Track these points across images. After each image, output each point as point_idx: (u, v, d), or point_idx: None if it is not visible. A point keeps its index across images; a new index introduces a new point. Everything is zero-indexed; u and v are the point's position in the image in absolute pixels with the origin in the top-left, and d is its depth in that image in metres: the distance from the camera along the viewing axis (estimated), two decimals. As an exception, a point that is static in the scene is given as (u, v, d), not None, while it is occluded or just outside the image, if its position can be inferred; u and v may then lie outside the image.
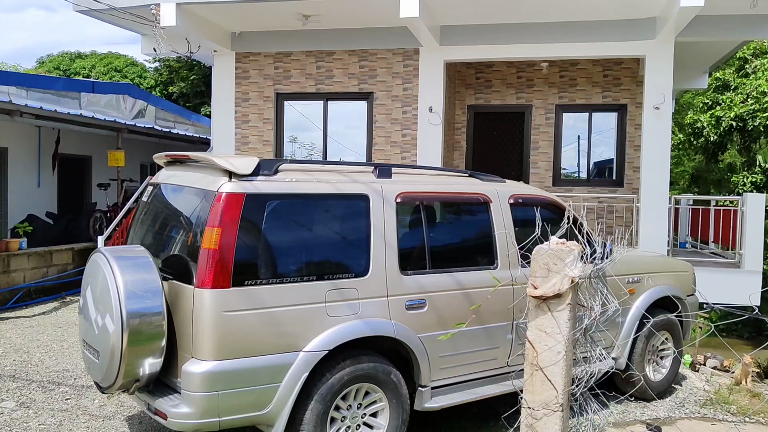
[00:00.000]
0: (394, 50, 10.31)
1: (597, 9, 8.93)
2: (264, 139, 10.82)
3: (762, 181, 18.79)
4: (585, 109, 11.39)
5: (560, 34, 9.53)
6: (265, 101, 10.81)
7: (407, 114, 10.32)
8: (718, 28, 9.07)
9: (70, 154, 13.50)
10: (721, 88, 21.41)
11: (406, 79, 10.30)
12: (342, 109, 10.77)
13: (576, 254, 2.69)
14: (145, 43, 10.80)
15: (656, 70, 9.27)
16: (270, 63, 10.76)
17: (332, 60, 10.56)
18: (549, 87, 11.48)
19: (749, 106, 19.19)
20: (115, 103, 14.14)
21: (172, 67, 26.35)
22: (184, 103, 26.22)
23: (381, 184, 4.56)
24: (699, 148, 22.24)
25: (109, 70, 29.58)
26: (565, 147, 11.64)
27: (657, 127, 9.30)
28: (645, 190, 9.35)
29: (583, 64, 11.28)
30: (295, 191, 4.15)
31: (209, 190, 3.97)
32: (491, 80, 11.78)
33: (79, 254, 10.90)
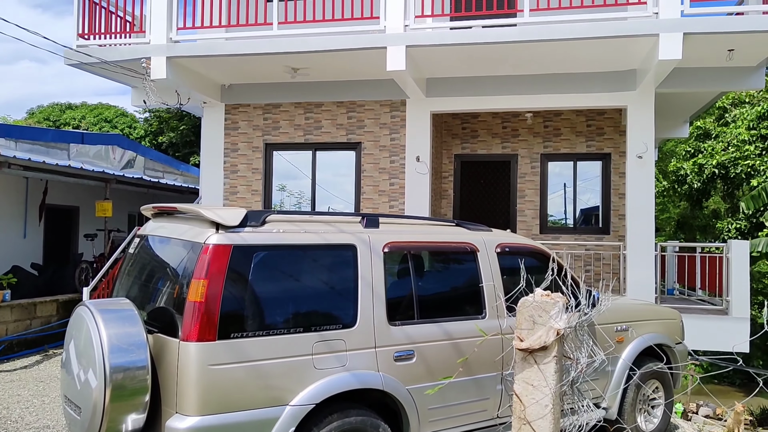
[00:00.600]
0: (382, 101, 10.49)
1: (579, 62, 9.17)
2: (252, 188, 10.87)
3: (746, 227, 19.01)
4: (569, 158, 11.56)
5: (544, 85, 9.75)
6: (254, 151, 10.90)
7: (395, 163, 10.43)
8: (697, 79, 9.32)
9: (57, 204, 13.47)
10: (702, 136, 21.88)
11: (393, 130, 10.45)
12: (330, 159, 10.87)
13: (560, 306, 2.70)
14: (135, 95, 10.92)
15: (638, 120, 9.48)
16: (259, 114, 10.90)
17: (321, 111, 10.72)
18: (534, 137, 11.67)
19: (730, 154, 19.57)
20: (104, 154, 14.20)
21: (163, 117, 26.61)
22: (174, 153, 26.37)
23: (368, 234, 4.58)
24: (683, 194, 22.55)
25: (99, 121, 29.78)
26: (552, 194, 11.76)
27: (641, 176, 9.44)
28: (631, 237, 9.43)
29: (566, 114, 11.50)
30: (282, 242, 4.16)
31: (196, 241, 3.97)
32: (477, 130, 11.98)
33: (64, 306, 10.76)
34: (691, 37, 7.91)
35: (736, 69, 9.22)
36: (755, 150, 19.02)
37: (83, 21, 9.54)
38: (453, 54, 8.90)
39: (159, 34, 9.21)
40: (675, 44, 7.83)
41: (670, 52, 7.84)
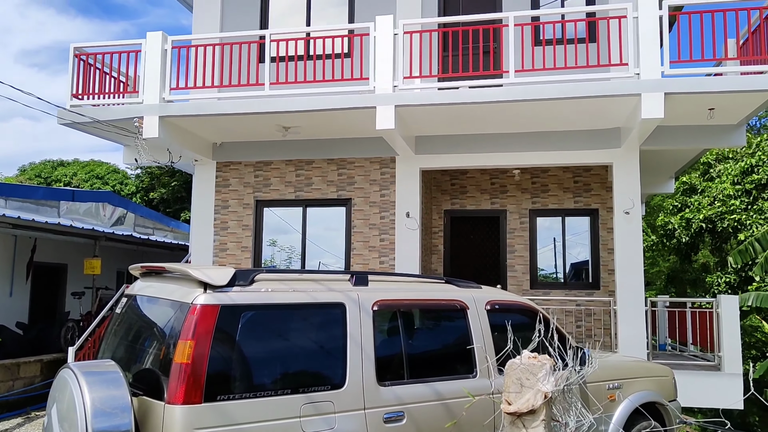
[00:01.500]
0: (372, 158, 10.62)
1: (564, 120, 9.36)
2: (242, 245, 10.86)
3: (736, 280, 19.08)
4: (558, 213, 11.67)
5: (530, 143, 9.92)
6: (244, 208, 10.94)
7: (385, 219, 10.48)
8: (680, 137, 9.52)
9: (45, 262, 13.37)
10: (688, 191, 22.18)
11: (383, 186, 10.55)
12: (321, 214, 10.92)
13: (548, 368, 2.69)
14: (127, 153, 11.01)
15: (624, 176, 9.63)
16: (250, 171, 10.99)
17: (311, 168, 10.83)
18: (522, 192, 11.81)
19: (717, 209, 19.81)
20: (94, 211, 14.20)
21: (154, 173, 26.76)
22: (165, 209, 26.40)
23: (357, 292, 4.58)
24: (672, 248, 22.69)
25: (91, 177, 29.88)
26: (542, 248, 11.81)
27: (628, 231, 9.52)
28: (621, 292, 9.43)
29: (553, 170, 11.67)
30: (271, 301, 4.15)
31: (184, 302, 3.95)
32: (466, 186, 12.10)
33: (48, 366, 10.55)
34: (672, 96, 8.13)
35: (717, 127, 9.44)
36: (741, 205, 19.27)
37: (78, 82, 9.70)
38: (441, 113, 9.08)
39: (152, 94, 9.36)
40: (657, 104, 8.04)
41: (652, 111, 8.04)
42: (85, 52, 9.82)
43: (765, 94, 8.04)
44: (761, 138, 20.09)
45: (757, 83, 7.91)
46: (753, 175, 19.33)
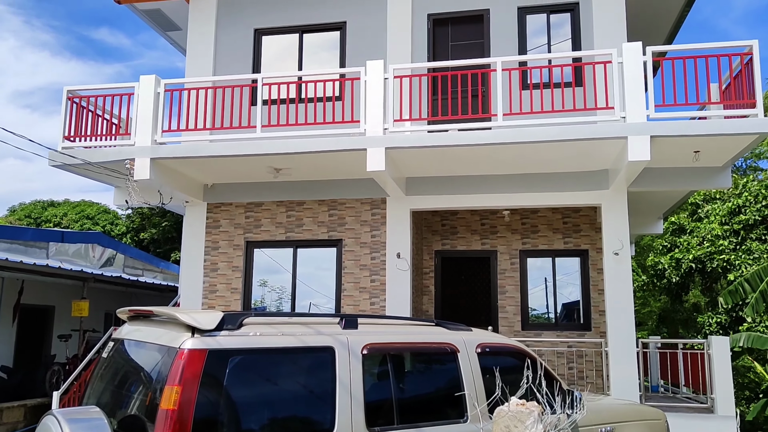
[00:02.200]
0: (363, 200, 10.67)
1: (552, 162, 9.48)
2: (232, 287, 10.80)
3: (727, 321, 19.08)
4: (548, 254, 11.70)
5: (519, 184, 10.02)
6: (234, 249, 10.92)
7: (376, 260, 10.48)
8: (666, 179, 9.64)
9: (32, 304, 13.22)
10: (677, 231, 22.34)
11: (374, 227, 10.57)
12: (312, 255, 10.90)
13: (536, 416, 2.68)
14: (118, 194, 11.02)
15: (612, 217, 9.71)
16: (241, 213, 11.01)
17: (302, 209, 10.86)
18: (512, 233, 11.86)
19: (706, 249, 19.93)
20: (83, 252, 14.12)
21: (145, 214, 26.69)
22: (155, 249, 26.27)
23: (347, 336, 4.55)
24: (663, 288, 22.72)
25: (81, 218, 29.76)
26: (533, 289, 11.81)
27: (618, 272, 9.56)
28: (612, 334, 9.41)
29: (543, 211, 11.76)
30: (259, 345, 4.11)
31: (171, 346, 3.92)
32: (456, 227, 12.15)
33: (32, 411, 10.33)
34: (658, 139, 8.27)
35: (703, 169, 9.58)
36: (729, 245, 19.41)
37: (70, 124, 9.76)
38: (431, 155, 9.18)
39: (144, 136, 9.43)
40: (643, 146, 8.17)
41: (638, 154, 8.17)
42: (78, 94, 9.91)
43: (748, 137, 8.20)
44: (747, 179, 20.37)
45: (741, 127, 8.07)
46: (740, 215, 19.52)
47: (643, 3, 11.73)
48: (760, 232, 19.18)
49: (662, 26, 12.80)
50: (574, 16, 10.50)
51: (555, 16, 10.62)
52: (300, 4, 11.44)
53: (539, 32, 10.67)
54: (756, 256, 18.60)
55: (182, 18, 12.54)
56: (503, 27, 10.65)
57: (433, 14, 10.95)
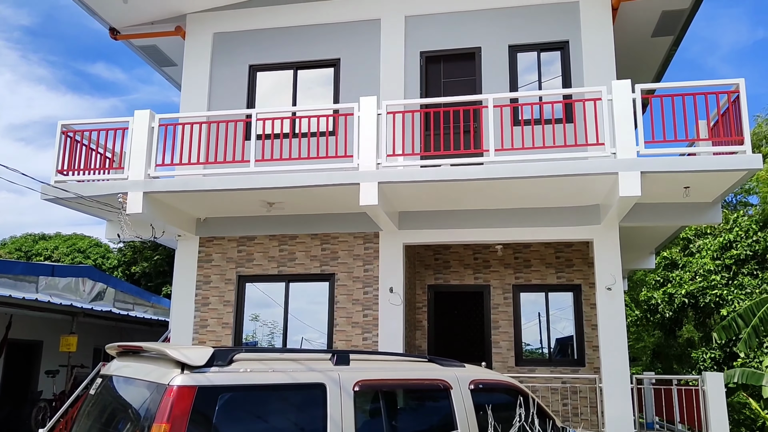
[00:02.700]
0: (356, 234, 10.67)
1: (544, 197, 9.54)
2: (223, 321, 10.70)
3: (721, 356, 19.01)
4: (541, 289, 11.69)
5: (512, 219, 10.05)
6: (226, 284, 10.86)
7: (368, 294, 10.43)
8: (657, 214, 9.70)
9: (20, 339, 13.05)
10: (669, 266, 22.38)
11: (366, 261, 10.55)
12: (304, 289, 10.85)
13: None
14: (110, 228, 10.98)
15: (604, 252, 9.73)
16: (233, 247, 10.98)
17: (295, 243, 10.84)
18: (505, 268, 11.86)
19: (698, 284, 19.97)
20: (73, 286, 14.00)
21: (137, 247, 26.58)
22: (146, 283, 26.09)
23: (339, 372, 4.51)
24: (656, 323, 22.68)
25: (72, 251, 29.60)
26: (526, 323, 11.76)
27: (611, 307, 9.54)
28: (606, 370, 9.34)
29: (536, 246, 11.78)
30: (249, 382, 4.07)
31: (160, 383, 3.87)
32: (449, 261, 12.15)
33: (17, 449, 10.11)
34: (649, 175, 8.35)
35: (693, 204, 9.65)
36: (722, 280, 19.45)
37: (63, 158, 9.78)
38: (424, 189, 9.22)
39: (137, 170, 9.44)
40: (634, 182, 8.24)
41: (629, 190, 8.23)
42: (72, 129, 9.95)
43: (737, 173, 8.29)
44: (738, 214, 20.52)
45: (729, 163, 8.16)
46: (732, 250, 19.62)
47: (632, 42, 11.97)
48: (752, 267, 19.25)
49: (651, 64, 13.05)
50: (564, 54, 10.69)
51: (545, 54, 10.81)
52: (295, 42, 11.61)
53: (530, 69, 10.85)
54: (748, 291, 18.64)
55: (178, 54, 12.69)
56: (494, 64, 10.82)
57: (425, 52, 11.13)
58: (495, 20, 10.98)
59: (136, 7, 11.69)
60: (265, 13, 11.81)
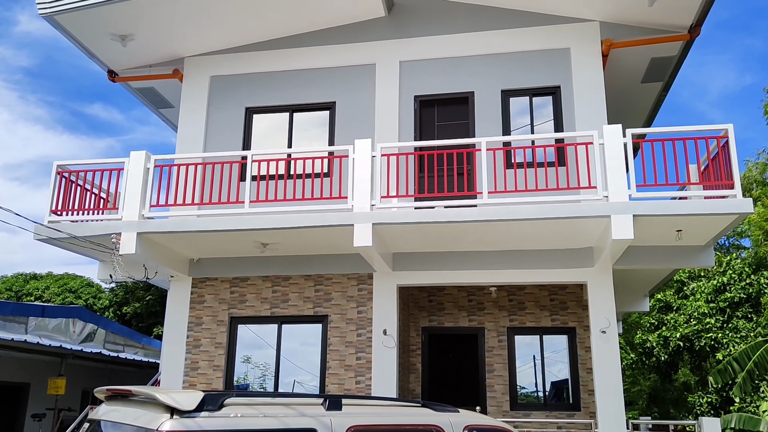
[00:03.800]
0: (349, 275, 10.63)
1: (538, 239, 9.57)
2: (215, 364, 10.57)
3: (717, 401, 18.83)
4: (535, 331, 11.63)
5: (506, 261, 10.05)
6: (218, 325, 10.76)
7: (362, 337, 10.34)
8: (650, 257, 9.73)
9: (6, 381, 12.82)
10: (664, 308, 22.33)
11: (360, 303, 10.50)
12: (297, 331, 10.75)
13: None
14: (102, 268, 10.92)
15: (598, 295, 9.71)
16: (226, 288, 10.92)
17: (288, 284, 10.79)
18: (499, 310, 11.81)
19: (693, 327, 19.90)
20: (63, 327, 13.85)
21: (129, 287, 26.40)
22: (137, 324, 25.84)
23: (330, 417, 4.44)
24: (652, 367, 22.51)
25: (63, 291, 29.35)
26: (521, 366, 11.65)
27: (606, 351, 9.47)
28: (602, 414, 9.23)
29: (530, 288, 11.76)
30: (240, 427, 4.00)
31: (149, 428, 3.80)
32: (444, 303, 12.09)
33: (-1, 496, 9.84)
34: (641, 218, 8.40)
35: (686, 248, 9.69)
36: (716, 323, 19.41)
37: (58, 198, 9.79)
38: (418, 231, 9.25)
39: (131, 211, 9.45)
40: (626, 225, 8.29)
41: (622, 233, 8.28)
42: (67, 169, 9.99)
43: (728, 217, 8.35)
44: (731, 257, 20.60)
45: (720, 207, 8.24)
46: (726, 293, 19.63)
47: (622, 87, 12.20)
48: (746, 310, 19.23)
49: (641, 108, 13.28)
50: (555, 99, 10.87)
51: (537, 98, 10.99)
52: (291, 85, 11.77)
53: (522, 112, 11.01)
54: (743, 334, 18.58)
55: (175, 96, 12.83)
56: (487, 108, 10.98)
57: (419, 95, 11.30)
58: (488, 66, 11.19)
59: (134, 50, 11.87)
60: (262, 57, 12.01)
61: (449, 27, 11.48)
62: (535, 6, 11.12)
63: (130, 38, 11.47)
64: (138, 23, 11.23)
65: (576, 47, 10.87)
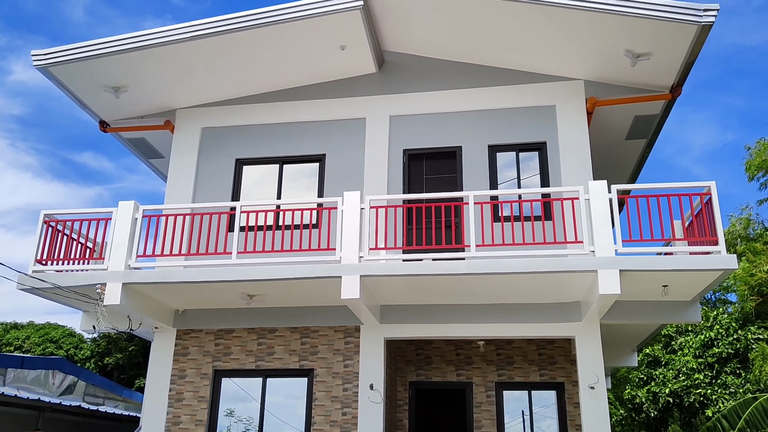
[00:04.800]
0: (336, 327, 10.53)
1: (525, 293, 9.56)
2: (197, 419, 10.32)
3: (709, 459, 18.52)
4: (524, 386, 11.50)
5: (494, 315, 10.01)
6: (202, 378, 10.56)
7: (348, 391, 10.18)
8: (637, 312, 9.72)
9: (-20, 435, 12.41)
10: (652, 363, 22.19)
11: (347, 356, 10.37)
12: (282, 384, 10.57)
13: None
14: (86, 319, 10.75)
15: (586, 350, 9.66)
16: (211, 340, 10.76)
17: (274, 337, 10.66)
18: (487, 364, 11.70)
19: (682, 383, 19.75)
20: (43, 379, 13.52)
21: (111, 337, 25.95)
22: (119, 375, 25.31)
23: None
24: (642, 423, 22.20)
25: (44, 341, 28.75)
26: (510, 422, 11.47)
27: (595, 407, 9.36)
28: (592, 474, 9.07)
29: (518, 342, 11.69)
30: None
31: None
32: (431, 357, 11.97)
33: None
34: (627, 273, 8.45)
35: (672, 303, 9.71)
36: (705, 379, 19.28)
37: (43, 248, 9.71)
38: (406, 284, 9.23)
39: (118, 261, 9.38)
40: (613, 280, 8.33)
41: (609, 288, 8.31)
42: (54, 218, 9.94)
43: (713, 273, 8.42)
44: (717, 311, 20.63)
45: (705, 263, 8.32)
46: (714, 348, 19.58)
47: (607, 143, 12.45)
48: (734, 366, 19.15)
49: (626, 164, 13.52)
50: (542, 154, 11.05)
51: (524, 153, 11.17)
52: (282, 137, 11.91)
53: (509, 166, 11.18)
54: (732, 390, 18.45)
55: (165, 146, 12.92)
56: (475, 162, 11.13)
57: (408, 149, 11.46)
58: (475, 121, 11.40)
59: (127, 101, 12.01)
60: (254, 110, 12.18)
61: (438, 84, 11.74)
62: (522, 65, 11.43)
63: (123, 90, 11.63)
64: (131, 76, 11.40)
65: (561, 104, 11.13)
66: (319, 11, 10.45)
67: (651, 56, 10.21)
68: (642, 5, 9.48)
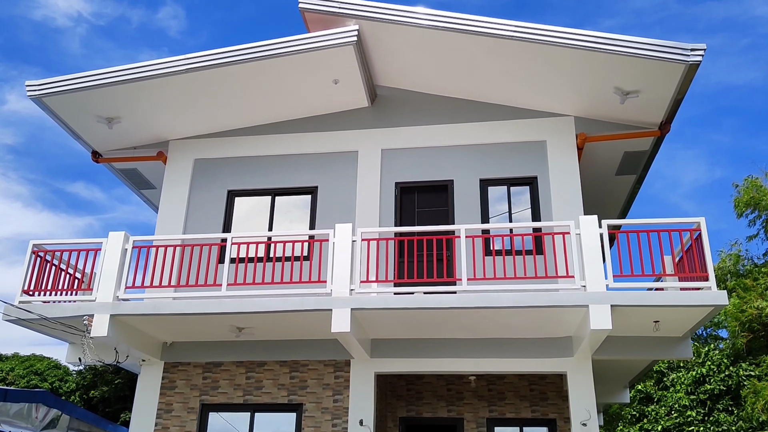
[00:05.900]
0: (326, 361, 10.41)
1: (517, 328, 9.52)
2: (183, 454, 10.11)
3: (703, 498, 18.28)
4: (515, 423, 11.35)
5: (485, 349, 9.94)
6: (188, 413, 10.37)
7: (337, 427, 10.02)
8: (629, 348, 9.68)
9: (-40, 470, 12.08)
10: (644, 399, 22.03)
11: (336, 391, 10.23)
12: (270, 420, 10.39)
13: None
14: (72, 351, 10.58)
15: (578, 386, 9.58)
16: (198, 373, 10.61)
17: (263, 371, 10.52)
18: (479, 400, 11.56)
19: (674, 420, 19.59)
20: (26, 413, 13.19)
21: (97, 370, 25.52)
22: (104, 408, 24.84)
23: None
24: (635, 461, 21.92)
25: (29, 373, 28.24)
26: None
27: (587, 444, 9.26)
28: None
29: (509, 378, 11.58)
30: None
31: None
32: (422, 392, 11.83)
33: None
34: (619, 309, 8.44)
35: (664, 339, 9.69)
36: (697, 416, 19.14)
37: (31, 278, 9.60)
38: (397, 317, 9.17)
39: (106, 293, 9.29)
40: (604, 315, 8.31)
41: (600, 323, 8.28)
42: (44, 248, 9.86)
43: (704, 309, 8.43)
44: (708, 347, 20.58)
45: (695, 299, 8.32)
46: (705, 385, 19.47)
47: (598, 179, 12.55)
48: (726, 403, 19.03)
49: (617, 199, 13.61)
50: (533, 188, 11.12)
51: (515, 187, 11.24)
52: (274, 170, 11.94)
53: (501, 199, 11.23)
54: (725, 428, 18.31)
55: (157, 177, 12.92)
56: (466, 196, 11.18)
57: (400, 182, 11.50)
58: (467, 156, 11.48)
59: (119, 132, 12.04)
60: (246, 142, 12.23)
61: (429, 118, 11.86)
62: (512, 101, 11.57)
63: (116, 121, 11.67)
64: (124, 107, 11.45)
65: (552, 140, 11.25)
66: (314, 46, 10.58)
67: (640, 94, 10.37)
68: (630, 44, 9.66)
